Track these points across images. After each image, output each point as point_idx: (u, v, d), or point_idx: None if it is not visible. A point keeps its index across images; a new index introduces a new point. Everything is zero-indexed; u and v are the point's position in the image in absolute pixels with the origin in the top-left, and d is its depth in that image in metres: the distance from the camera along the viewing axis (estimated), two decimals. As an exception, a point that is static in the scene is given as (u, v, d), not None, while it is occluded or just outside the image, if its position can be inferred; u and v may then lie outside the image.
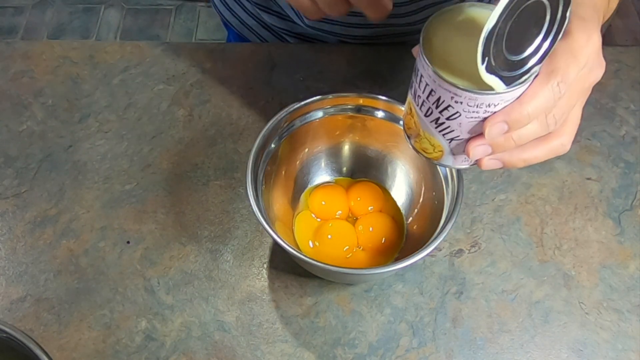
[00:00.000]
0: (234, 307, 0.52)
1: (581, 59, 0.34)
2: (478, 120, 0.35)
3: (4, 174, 0.59)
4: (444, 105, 0.35)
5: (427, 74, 0.35)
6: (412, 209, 0.54)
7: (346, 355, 0.50)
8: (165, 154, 0.60)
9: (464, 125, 0.36)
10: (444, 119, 0.36)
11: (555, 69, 0.34)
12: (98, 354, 0.50)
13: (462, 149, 0.38)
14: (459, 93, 0.34)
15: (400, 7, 0.63)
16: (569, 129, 0.38)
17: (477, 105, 0.34)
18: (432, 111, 0.36)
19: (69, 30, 1.78)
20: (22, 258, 0.55)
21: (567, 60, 0.34)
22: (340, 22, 0.66)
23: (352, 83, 0.64)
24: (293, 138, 0.52)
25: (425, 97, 0.36)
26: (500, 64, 0.32)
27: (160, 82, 0.65)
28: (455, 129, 0.37)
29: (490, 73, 0.32)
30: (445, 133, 0.37)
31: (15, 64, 0.67)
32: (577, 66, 0.34)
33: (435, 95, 0.35)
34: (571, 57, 0.34)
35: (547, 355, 0.50)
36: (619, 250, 0.55)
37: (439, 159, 0.40)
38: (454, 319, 0.52)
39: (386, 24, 0.66)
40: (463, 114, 0.35)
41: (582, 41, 0.34)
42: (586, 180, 0.59)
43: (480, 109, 0.34)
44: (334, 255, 0.52)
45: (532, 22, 0.32)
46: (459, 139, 0.37)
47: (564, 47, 0.34)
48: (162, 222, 0.56)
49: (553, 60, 0.34)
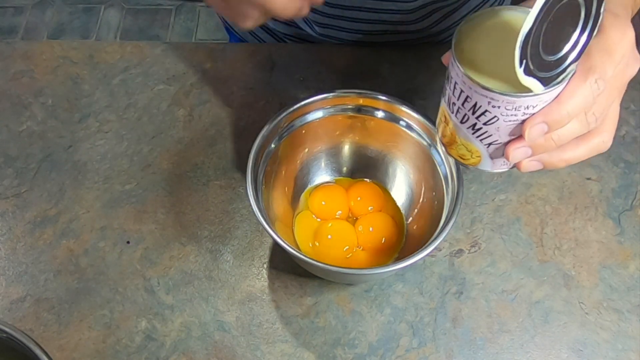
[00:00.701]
0: (234, 307, 0.52)
1: (616, 55, 0.34)
2: (516, 123, 0.35)
3: (4, 174, 0.59)
4: (481, 110, 0.35)
5: (462, 80, 0.35)
6: (412, 209, 0.54)
7: (346, 355, 0.50)
8: (165, 154, 0.60)
9: (502, 129, 0.36)
10: (481, 124, 0.36)
11: (592, 66, 0.34)
12: (98, 354, 0.50)
13: (501, 152, 0.38)
14: (496, 97, 0.34)
15: (410, 14, 0.63)
16: (609, 126, 0.37)
17: (516, 108, 0.34)
18: (469, 117, 0.36)
19: (69, 30, 1.77)
20: (22, 258, 0.55)
21: (603, 57, 0.34)
22: (348, 29, 0.66)
23: (352, 83, 0.64)
24: (293, 138, 0.52)
25: (460, 104, 0.36)
26: (537, 65, 0.32)
27: (160, 82, 0.65)
28: (493, 133, 0.36)
29: (528, 75, 0.32)
30: (483, 138, 0.37)
31: (15, 64, 0.67)
32: (613, 62, 0.34)
33: (471, 101, 0.35)
34: (606, 54, 0.34)
35: (547, 355, 0.50)
36: (619, 250, 0.55)
37: (476, 164, 0.40)
38: (454, 319, 0.52)
39: (396, 31, 0.66)
40: (501, 117, 0.35)
41: (616, 37, 0.34)
42: (586, 180, 0.59)
43: (519, 111, 0.34)
44: (334, 255, 0.52)
45: (567, 21, 0.32)
46: (497, 143, 0.37)
47: (598, 45, 0.34)
48: (162, 222, 0.56)
49: (589, 58, 0.34)
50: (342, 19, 0.65)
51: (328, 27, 0.67)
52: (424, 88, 0.64)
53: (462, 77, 0.35)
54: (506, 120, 0.35)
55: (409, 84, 0.64)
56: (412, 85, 0.64)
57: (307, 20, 0.67)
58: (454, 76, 0.36)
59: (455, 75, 0.35)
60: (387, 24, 0.65)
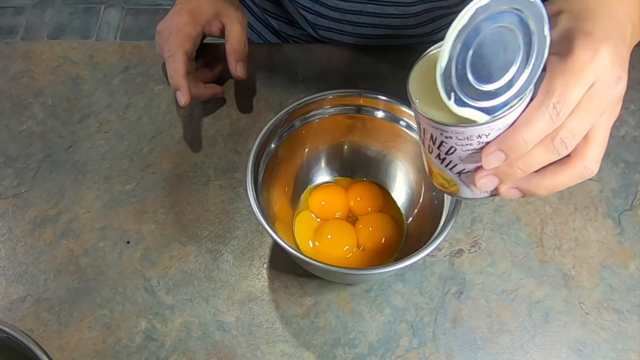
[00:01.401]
0: (234, 307, 0.52)
1: (586, 77, 0.32)
2: (475, 151, 0.35)
3: (4, 174, 0.59)
4: (438, 141, 0.35)
5: (417, 114, 0.35)
6: (412, 209, 0.54)
7: (346, 355, 0.50)
8: (165, 154, 0.60)
9: (464, 158, 0.36)
10: (444, 154, 0.36)
11: (551, 90, 0.32)
12: (98, 354, 0.50)
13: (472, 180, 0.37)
14: (444, 129, 0.34)
15: (410, 19, 0.63)
16: (592, 150, 0.35)
17: (467, 138, 0.34)
18: (432, 148, 0.36)
19: (69, 30, 1.77)
20: (22, 258, 0.55)
21: (566, 80, 0.32)
22: (349, 33, 0.66)
23: (352, 83, 0.64)
24: (293, 138, 0.52)
25: (423, 136, 0.37)
26: (474, 95, 0.32)
27: (160, 82, 0.65)
28: (457, 162, 0.36)
29: (463, 106, 0.32)
30: (451, 168, 0.37)
31: (15, 64, 0.67)
32: (580, 85, 0.32)
33: (428, 133, 0.36)
34: (571, 76, 0.32)
35: (547, 355, 0.50)
36: (619, 250, 0.55)
37: (457, 193, 0.40)
38: (454, 319, 0.52)
39: (397, 35, 0.66)
40: (458, 147, 0.35)
41: (585, 58, 0.32)
42: (586, 180, 0.59)
43: (472, 140, 0.34)
44: (334, 255, 0.52)
45: (502, 49, 0.31)
46: (466, 171, 0.37)
47: (561, 67, 0.32)
48: (162, 222, 0.56)
49: (550, 82, 0.32)
50: (343, 23, 0.65)
51: (330, 31, 0.67)
52: (424, 88, 0.64)
53: (415, 109, 0.35)
54: (464, 149, 0.35)
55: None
56: (412, 85, 0.64)
57: (309, 24, 0.67)
58: (412, 110, 0.36)
59: (413, 109, 0.36)
60: (389, 28, 0.65)
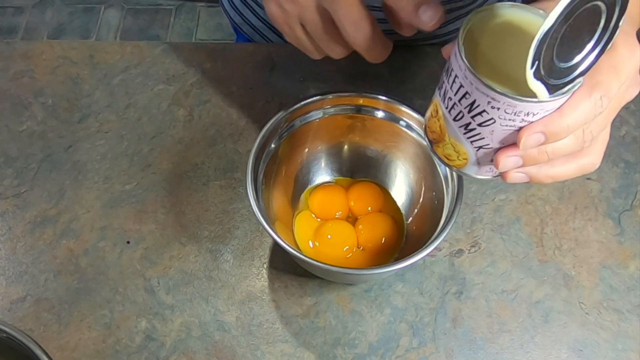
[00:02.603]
0: (234, 307, 0.52)
1: (622, 75, 0.33)
2: (513, 129, 0.33)
3: (4, 174, 0.59)
4: (479, 109, 0.33)
5: (463, 74, 0.32)
6: (412, 209, 0.54)
7: (346, 355, 0.50)
8: (165, 154, 0.60)
9: (496, 133, 0.34)
10: (476, 124, 0.34)
11: (599, 82, 0.32)
12: (98, 354, 0.50)
13: (490, 158, 0.36)
14: (497, 98, 0.31)
15: None
16: (598, 148, 0.36)
17: (515, 113, 0.32)
18: (464, 115, 0.34)
19: (69, 30, 1.78)
20: (22, 258, 0.55)
21: (610, 75, 0.33)
22: None
23: (352, 83, 0.64)
24: (293, 138, 0.52)
25: (457, 99, 0.34)
26: (548, 70, 0.30)
27: (160, 82, 0.65)
28: (486, 136, 0.34)
29: (537, 79, 0.30)
30: (474, 140, 0.35)
31: (15, 64, 0.67)
32: (618, 81, 0.33)
33: (469, 98, 0.33)
34: (614, 71, 0.33)
35: (547, 355, 0.50)
36: (619, 250, 0.55)
37: (461, 167, 0.38)
38: (454, 319, 0.52)
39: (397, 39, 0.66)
40: (498, 121, 0.33)
41: (625, 56, 0.33)
42: (586, 180, 0.59)
43: (518, 117, 0.32)
44: (334, 255, 0.52)
45: (586, 29, 0.30)
46: (488, 147, 0.35)
47: (608, 60, 0.32)
48: (162, 222, 0.56)
49: (597, 73, 0.32)
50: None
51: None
52: (423, 88, 0.64)
53: (464, 70, 0.32)
54: (503, 124, 0.33)
55: (409, 84, 0.64)
56: (412, 85, 0.64)
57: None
58: (455, 68, 0.33)
59: (457, 67, 0.33)
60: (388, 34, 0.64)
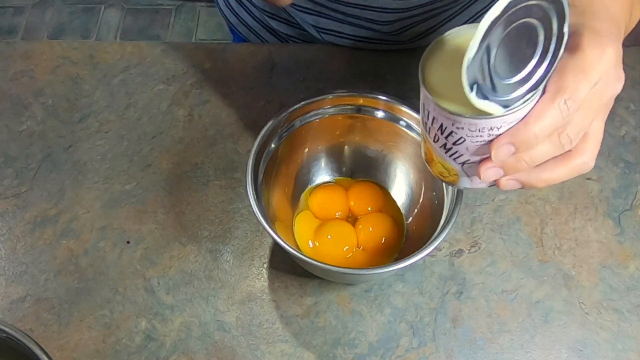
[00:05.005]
0: (234, 307, 0.52)
1: (593, 75, 0.33)
2: (484, 143, 0.35)
3: (4, 174, 0.59)
4: (447, 131, 0.35)
5: (428, 102, 0.35)
6: (412, 209, 0.54)
7: (346, 355, 0.50)
8: (165, 154, 0.60)
9: (471, 149, 0.36)
10: (451, 144, 0.36)
11: (563, 86, 0.33)
12: (98, 354, 0.50)
13: (475, 171, 0.37)
14: (458, 120, 0.34)
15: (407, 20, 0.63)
16: (590, 146, 0.36)
17: (479, 130, 0.34)
18: (439, 137, 0.36)
19: (69, 30, 1.77)
20: (22, 258, 0.55)
21: (576, 77, 0.33)
22: (349, 36, 0.66)
23: (352, 83, 0.64)
24: (293, 138, 0.52)
25: (430, 123, 0.36)
26: (492, 89, 0.32)
27: (160, 82, 0.65)
28: (463, 153, 0.36)
29: (483, 99, 0.32)
30: (455, 157, 0.37)
31: (15, 64, 0.67)
32: (588, 82, 0.33)
33: (437, 121, 0.35)
34: (581, 74, 0.33)
35: (547, 355, 0.50)
36: (619, 250, 0.55)
37: (456, 182, 0.40)
38: (454, 319, 0.52)
39: (395, 41, 0.66)
40: (467, 139, 0.35)
41: (594, 57, 0.33)
42: (586, 180, 0.59)
43: (484, 132, 0.34)
44: (334, 255, 0.52)
45: (524, 43, 0.31)
46: (470, 162, 0.37)
47: (572, 64, 0.33)
48: (162, 222, 0.56)
49: (561, 78, 0.33)
50: (344, 23, 0.65)
51: (330, 34, 0.67)
52: (424, 88, 0.64)
53: (426, 96, 0.35)
54: (473, 141, 0.35)
55: (409, 84, 0.64)
56: (412, 85, 0.63)
57: (308, 24, 0.67)
58: (422, 97, 0.36)
59: (422, 95, 0.36)
60: (386, 34, 0.65)
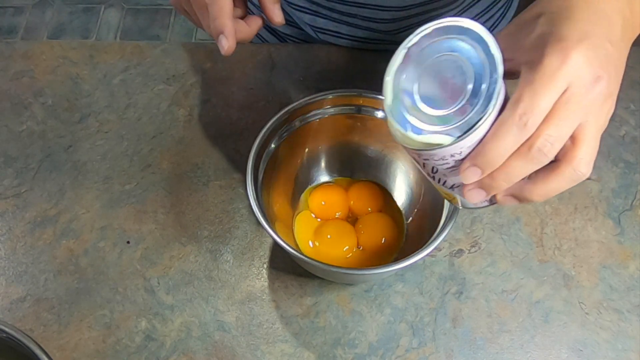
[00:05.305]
0: (234, 307, 0.52)
1: (555, 83, 0.32)
2: (455, 168, 0.35)
3: (4, 174, 0.59)
4: (420, 163, 0.37)
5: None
6: (412, 209, 0.54)
7: (346, 355, 0.50)
8: (165, 154, 0.60)
9: (448, 175, 0.36)
10: (431, 173, 0.37)
11: (517, 102, 0.32)
12: (98, 354, 0.50)
13: None
14: (418, 153, 0.35)
15: (403, 21, 0.63)
16: (580, 153, 0.34)
17: (442, 158, 0.34)
18: (421, 169, 0.38)
19: (69, 30, 1.77)
20: (22, 258, 0.55)
21: (533, 90, 0.32)
22: (346, 36, 0.66)
23: (352, 83, 0.64)
24: (293, 138, 0.52)
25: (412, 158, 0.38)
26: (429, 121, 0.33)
27: (160, 82, 0.65)
28: (445, 179, 0.37)
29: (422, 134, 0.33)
30: (442, 184, 0.38)
31: (15, 64, 0.67)
32: (549, 92, 0.32)
33: (411, 155, 0.37)
34: (539, 86, 0.32)
35: (547, 355, 0.50)
36: (619, 250, 0.55)
37: (459, 204, 0.40)
38: (454, 319, 0.52)
39: (393, 41, 0.66)
40: (439, 167, 0.35)
41: (554, 65, 0.32)
42: (586, 180, 0.59)
43: (447, 160, 0.34)
44: (334, 255, 0.52)
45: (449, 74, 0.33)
46: (457, 185, 0.37)
47: (530, 77, 0.32)
48: (162, 222, 0.56)
49: (517, 93, 0.32)
50: (341, 23, 0.65)
51: (327, 34, 0.67)
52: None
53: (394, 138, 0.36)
54: (443, 168, 0.35)
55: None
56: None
57: (305, 24, 0.67)
58: None
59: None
60: (385, 33, 0.65)
